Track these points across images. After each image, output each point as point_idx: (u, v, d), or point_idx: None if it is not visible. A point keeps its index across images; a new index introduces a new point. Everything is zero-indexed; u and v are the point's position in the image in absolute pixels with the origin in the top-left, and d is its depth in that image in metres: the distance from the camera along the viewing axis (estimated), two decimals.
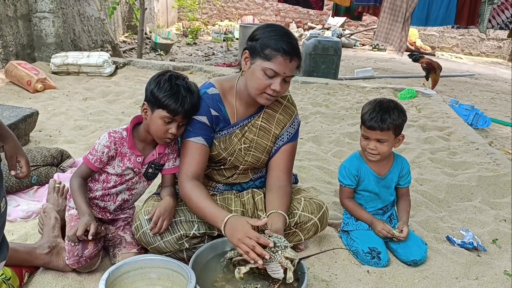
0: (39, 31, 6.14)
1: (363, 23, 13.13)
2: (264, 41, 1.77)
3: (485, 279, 2.03)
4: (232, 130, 1.98)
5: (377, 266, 2.08)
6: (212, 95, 1.94)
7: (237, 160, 2.03)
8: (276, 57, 1.74)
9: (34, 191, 2.61)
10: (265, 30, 1.81)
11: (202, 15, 14.08)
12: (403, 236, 2.12)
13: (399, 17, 6.18)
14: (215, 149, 1.98)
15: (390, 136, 2.07)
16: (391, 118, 2.03)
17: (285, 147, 2.05)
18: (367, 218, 2.21)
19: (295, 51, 1.77)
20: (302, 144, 3.83)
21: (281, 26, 1.86)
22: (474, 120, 5.00)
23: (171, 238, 1.87)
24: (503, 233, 2.46)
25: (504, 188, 3.05)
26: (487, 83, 8.40)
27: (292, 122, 2.06)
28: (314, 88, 6.01)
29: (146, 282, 1.75)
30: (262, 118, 2.01)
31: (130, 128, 1.93)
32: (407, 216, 2.23)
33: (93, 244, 1.85)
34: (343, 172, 2.22)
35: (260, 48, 1.77)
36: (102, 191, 1.99)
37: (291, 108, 2.07)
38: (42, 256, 1.87)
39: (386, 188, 2.22)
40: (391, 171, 2.21)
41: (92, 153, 1.91)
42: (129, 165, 1.93)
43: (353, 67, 8.85)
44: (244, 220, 1.68)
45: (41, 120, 3.78)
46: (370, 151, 2.10)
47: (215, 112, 1.93)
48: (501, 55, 12.63)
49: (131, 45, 9.38)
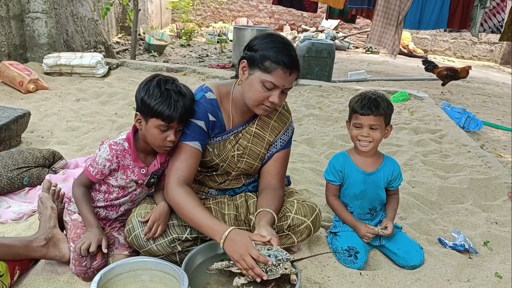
0: (32, 31, 6.11)
1: (357, 26, 13.18)
2: (264, 53, 1.74)
3: (476, 281, 2.04)
4: (226, 137, 1.97)
5: (352, 266, 2.08)
6: (210, 99, 1.91)
7: (230, 166, 2.02)
8: (276, 70, 1.72)
9: (26, 192, 2.59)
10: (264, 40, 1.77)
11: (196, 16, 14.06)
12: (387, 233, 2.13)
13: (392, 20, 6.21)
14: (208, 155, 1.97)
15: (382, 123, 2.08)
16: (383, 104, 2.07)
17: (278, 154, 2.04)
18: (350, 220, 2.20)
19: (295, 64, 1.75)
20: (296, 146, 3.84)
21: (281, 37, 1.82)
22: (466, 123, 5.03)
23: (163, 242, 1.86)
24: (494, 236, 2.48)
25: (495, 191, 3.08)
26: (479, 86, 8.47)
27: (286, 129, 2.05)
28: (308, 91, 6.03)
29: (138, 285, 1.74)
30: (257, 125, 2.00)
31: (131, 139, 1.88)
32: (393, 213, 2.23)
33: (101, 256, 1.86)
34: (328, 168, 2.23)
35: (259, 59, 1.74)
36: (104, 202, 1.97)
37: (286, 115, 2.06)
38: (39, 249, 1.87)
39: (374, 187, 2.19)
40: (379, 169, 2.19)
41: (93, 165, 1.87)
42: (133, 177, 1.90)
43: (347, 69, 8.89)
44: (246, 235, 1.66)
45: (33, 121, 3.76)
46: (364, 138, 2.09)
47: (212, 117, 1.91)
48: (492, 59, 12.73)
49: (124, 46, 9.34)
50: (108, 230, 2.03)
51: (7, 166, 2.52)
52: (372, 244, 2.22)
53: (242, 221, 2.05)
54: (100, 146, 1.95)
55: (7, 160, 2.56)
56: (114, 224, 2.06)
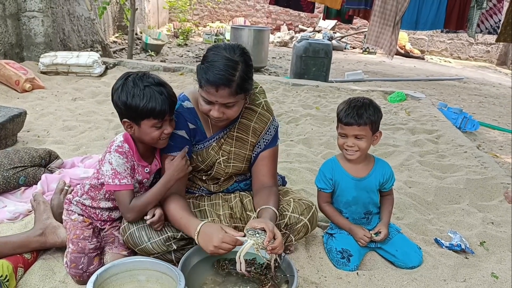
0: (28, 30, 6.08)
1: (354, 26, 13.21)
2: (198, 68, 1.75)
3: (472, 281, 2.05)
4: (208, 144, 1.99)
5: (344, 267, 2.07)
6: (188, 108, 1.93)
7: (218, 173, 2.05)
8: (204, 86, 1.72)
9: (22, 192, 2.57)
10: (209, 53, 1.76)
11: (193, 16, 14.04)
12: (379, 240, 2.13)
13: (389, 21, 6.22)
14: (193, 162, 2.00)
15: (368, 132, 2.04)
16: (367, 113, 2.01)
17: (264, 153, 2.05)
18: (345, 224, 2.19)
19: (221, 81, 1.68)
20: (293, 146, 3.84)
21: (224, 49, 1.74)
22: (463, 123, 5.05)
23: (158, 240, 1.86)
24: (490, 236, 2.48)
25: (491, 191, 3.08)
26: (476, 87, 8.50)
27: (268, 128, 2.04)
28: (305, 91, 6.03)
29: (134, 285, 1.73)
30: (237, 128, 2.00)
31: (131, 139, 1.85)
32: (388, 216, 2.21)
33: (98, 260, 1.86)
34: (318, 175, 2.21)
35: (197, 73, 1.76)
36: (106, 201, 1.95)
37: (266, 115, 2.04)
38: (37, 238, 1.93)
39: (366, 192, 2.17)
40: (370, 174, 2.17)
41: (118, 178, 1.79)
42: (138, 177, 1.89)
43: (344, 70, 8.90)
44: (219, 226, 1.68)
45: (29, 120, 3.74)
46: (349, 148, 2.07)
47: (192, 125, 1.94)
48: (489, 60, 12.78)
49: (121, 46, 9.32)
50: (108, 228, 2.02)
51: (3, 165, 2.51)
52: (369, 246, 2.21)
53: (238, 218, 2.05)
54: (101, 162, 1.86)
55: (3, 159, 2.54)
56: (115, 223, 2.05)
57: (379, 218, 2.24)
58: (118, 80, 1.78)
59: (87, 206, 1.97)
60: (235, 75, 1.70)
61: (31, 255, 1.92)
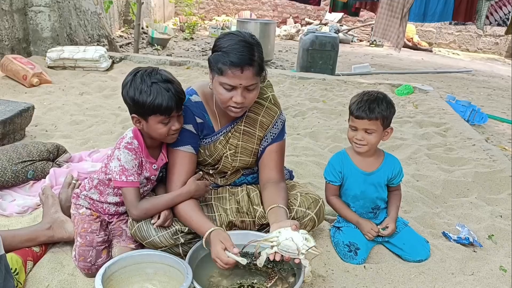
0: (35, 25, 6.10)
1: (361, 19, 13.11)
2: (216, 56, 1.74)
3: (480, 275, 2.04)
4: (216, 138, 1.99)
5: (351, 261, 2.07)
6: (196, 102, 1.93)
7: (225, 167, 2.05)
8: (227, 71, 1.71)
9: (30, 186, 2.59)
10: (221, 41, 1.76)
11: (199, 10, 14.02)
12: (386, 234, 2.12)
13: (396, 13, 6.18)
14: (200, 156, 2.00)
15: (378, 126, 2.02)
16: (379, 108, 1.99)
17: (271, 147, 2.04)
18: (352, 217, 2.18)
19: (245, 61, 1.70)
20: (299, 139, 3.83)
21: (236, 35, 1.77)
22: (471, 116, 5.01)
23: (166, 233, 1.87)
24: (499, 229, 2.47)
25: (500, 184, 3.06)
26: (484, 79, 8.42)
27: (275, 122, 2.03)
28: (312, 84, 6.01)
29: (142, 277, 1.75)
30: (245, 122, 2.00)
31: (140, 135, 1.86)
32: (395, 211, 2.20)
33: (106, 253, 1.88)
34: (327, 168, 2.21)
35: (213, 62, 1.75)
36: (114, 196, 1.96)
37: (274, 109, 2.03)
38: (45, 232, 1.95)
39: (374, 186, 2.16)
40: (380, 168, 2.16)
41: (125, 175, 1.79)
42: (146, 173, 1.90)
43: (351, 63, 8.85)
44: (219, 241, 1.67)
45: (37, 114, 3.76)
46: (358, 141, 2.06)
47: (199, 119, 1.93)
48: (498, 52, 12.65)
49: (127, 40, 9.32)
50: (116, 222, 2.03)
51: (12, 159, 2.53)
52: (376, 240, 2.21)
53: (245, 213, 2.05)
54: (110, 157, 1.87)
55: (11, 153, 2.56)
56: (123, 217, 2.06)
57: (386, 213, 2.24)
58: (128, 75, 1.79)
59: (95, 200, 1.98)
60: (255, 55, 1.73)
61: (40, 248, 1.95)
